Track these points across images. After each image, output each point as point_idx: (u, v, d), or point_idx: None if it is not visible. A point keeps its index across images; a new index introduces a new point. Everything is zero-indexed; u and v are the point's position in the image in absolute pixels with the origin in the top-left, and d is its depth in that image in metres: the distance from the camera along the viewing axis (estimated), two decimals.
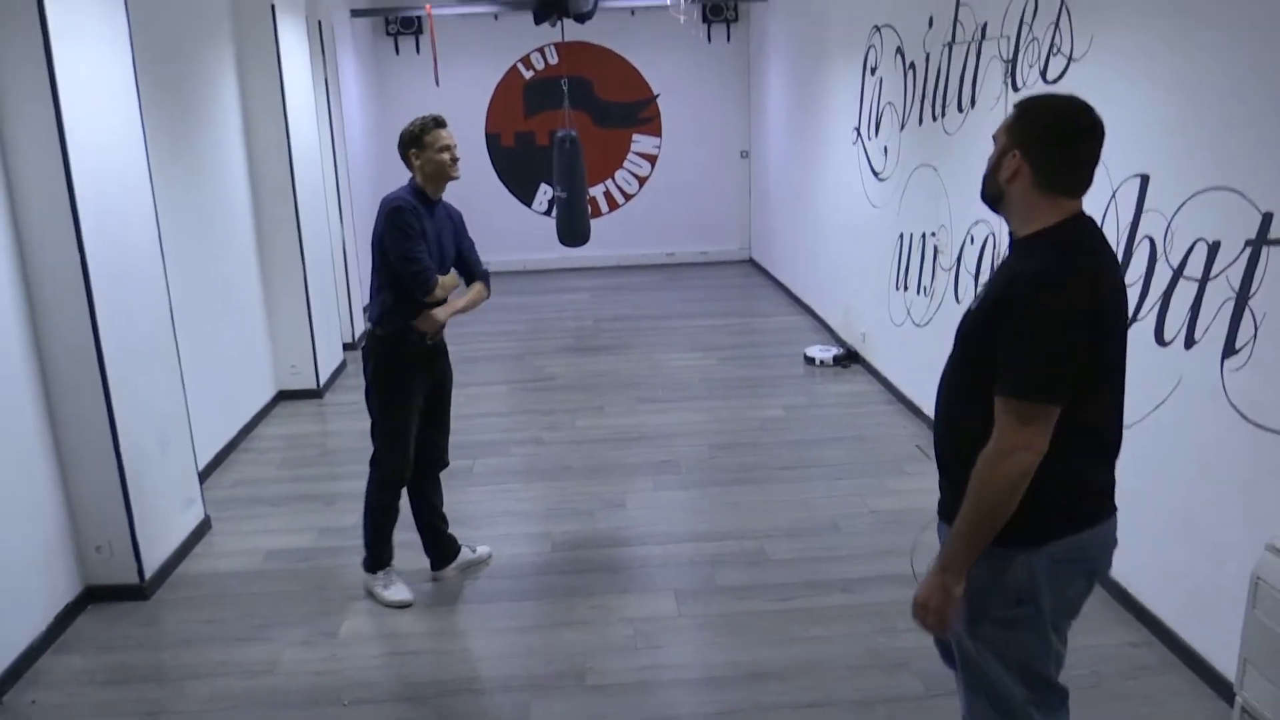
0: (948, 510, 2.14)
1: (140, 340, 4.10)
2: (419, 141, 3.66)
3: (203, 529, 4.59)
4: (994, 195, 2.10)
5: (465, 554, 4.18)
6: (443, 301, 3.80)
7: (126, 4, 4.05)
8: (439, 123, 3.70)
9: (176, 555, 4.30)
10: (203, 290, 5.30)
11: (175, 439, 4.40)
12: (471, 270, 3.96)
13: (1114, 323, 2.02)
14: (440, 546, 4.12)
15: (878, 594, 3.87)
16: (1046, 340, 1.91)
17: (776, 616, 3.75)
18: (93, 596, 3.96)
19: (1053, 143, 1.99)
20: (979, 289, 2.10)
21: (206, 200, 5.49)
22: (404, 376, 3.79)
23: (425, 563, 4.14)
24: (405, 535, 4.19)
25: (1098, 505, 2.09)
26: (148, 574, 4.02)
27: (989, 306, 2.00)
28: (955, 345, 2.14)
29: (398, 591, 3.94)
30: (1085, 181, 2.04)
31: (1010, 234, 2.12)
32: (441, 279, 3.72)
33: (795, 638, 3.60)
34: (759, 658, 3.48)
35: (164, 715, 3.29)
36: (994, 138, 2.10)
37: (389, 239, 3.63)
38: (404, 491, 4.00)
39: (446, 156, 3.67)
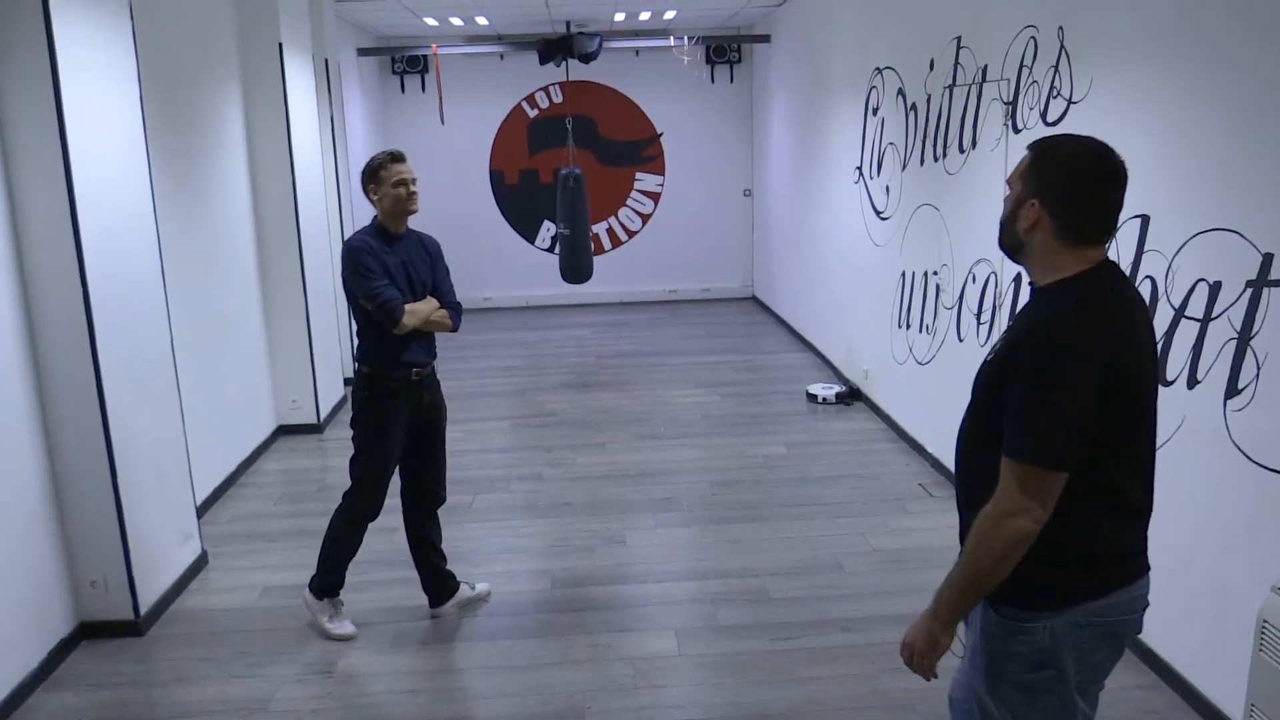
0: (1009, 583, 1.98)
1: (141, 373, 4.10)
2: (375, 177, 3.69)
3: (199, 564, 4.56)
4: (1012, 245, 1.98)
5: (464, 591, 4.14)
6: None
7: (134, 39, 4.09)
8: (395, 157, 3.74)
9: (173, 591, 4.26)
10: (204, 324, 5.30)
11: (174, 473, 4.38)
12: (441, 300, 3.91)
13: (1137, 381, 1.89)
14: (438, 583, 4.08)
15: (881, 634, 3.83)
16: (1056, 402, 1.80)
17: (778, 656, 3.71)
18: (87, 632, 3.92)
19: (1073, 190, 1.86)
20: (998, 338, 2.01)
21: (210, 235, 5.51)
22: (386, 413, 3.77)
23: (424, 599, 4.10)
24: (404, 572, 4.17)
25: (1123, 568, 1.97)
26: (143, 609, 3.98)
27: (1000, 358, 1.91)
28: (972, 394, 2.04)
29: (342, 625, 3.92)
30: (1110, 229, 1.91)
31: (1030, 282, 2.00)
32: (412, 306, 3.70)
33: (798, 678, 3.56)
34: (761, 698, 3.44)
35: None
36: (1008, 183, 1.98)
37: (350, 281, 3.66)
38: (403, 529, 4.01)
39: (403, 190, 3.70)
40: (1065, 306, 1.86)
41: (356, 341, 3.83)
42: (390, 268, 3.69)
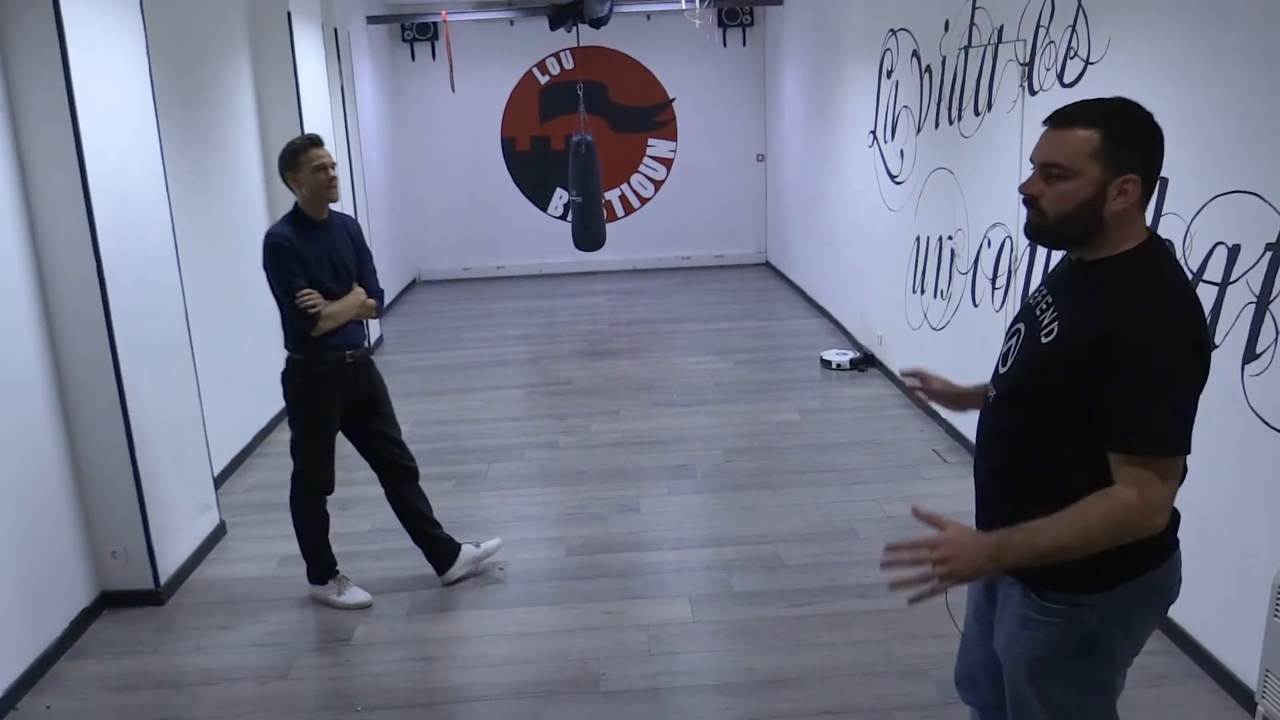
0: (1021, 570, 1.94)
1: (156, 346, 4.12)
2: (294, 162, 3.62)
3: (218, 534, 4.60)
4: (1086, 231, 1.83)
5: (469, 550, 4.14)
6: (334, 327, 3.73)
7: (143, 12, 4.07)
8: (314, 142, 3.67)
9: (192, 560, 4.31)
10: (219, 296, 5.32)
11: (190, 444, 4.41)
12: (366, 288, 3.84)
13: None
14: (436, 549, 4.10)
15: (895, 600, 3.77)
16: (1183, 388, 1.77)
17: (792, 623, 3.73)
18: (108, 602, 3.97)
19: (1158, 151, 1.83)
20: (1047, 320, 1.90)
21: (222, 207, 5.51)
22: (324, 399, 3.78)
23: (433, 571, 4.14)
24: (407, 543, 4.18)
25: (1170, 538, 1.93)
26: (163, 579, 4.03)
27: (1074, 344, 1.80)
28: (1015, 383, 1.94)
29: (353, 594, 3.95)
30: None
31: (1077, 260, 1.91)
32: (331, 310, 3.64)
33: (811, 644, 3.58)
34: (774, 664, 3.46)
35: None
36: (1045, 165, 1.84)
37: (270, 278, 3.64)
38: (390, 505, 4.08)
39: (323, 176, 3.63)
40: (1153, 285, 1.80)
41: (284, 329, 3.77)
42: (311, 261, 3.63)
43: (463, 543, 4.16)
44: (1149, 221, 3.25)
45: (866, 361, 7.00)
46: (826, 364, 7.07)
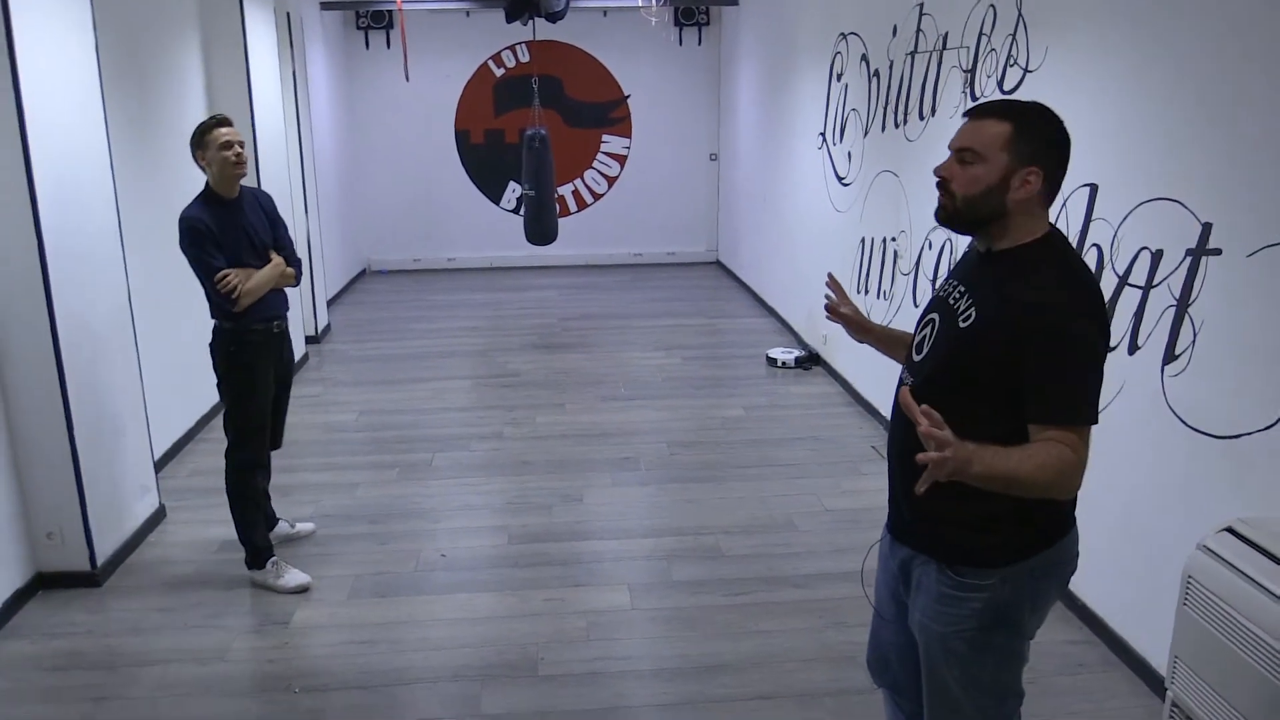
0: (931, 546, 2.07)
1: (98, 325, 4.08)
2: (201, 141, 3.71)
3: (157, 518, 4.57)
4: (991, 214, 1.95)
5: (283, 527, 4.32)
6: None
7: None
8: (221, 121, 3.75)
9: (130, 543, 4.27)
10: (162, 279, 5.25)
11: (131, 425, 4.37)
12: (285, 257, 3.96)
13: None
14: None
15: (831, 590, 3.93)
16: (1090, 363, 1.89)
17: (730, 611, 3.80)
18: (43, 583, 3.93)
19: (1062, 155, 1.96)
20: (963, 307, 2.00)
21: (169, 188, 5.43)
22: (254, 367, 3.88)
23: (380, 554, 4.15)
24: (362, 528, 4.20)
25: (1071, 513, 2.07)
26: (99, 561, 4.00)
27: (992, 327, 1.91)
28: (933, 368, 2.03)
29: (293, 577, 3.98)
30: None
31: (985, 249, 2.03)
32: (250, 285, 3.74)
33: (748, 631, 3.65)
34: (711, 650, 3.53)
35: (112, 701, 3.27)
36: (960, 151, 1.97)
37: (189, 259, 3.71)
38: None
39: (230, 154, 3.71)
40: (1060, 269, 1.94)
41: (210, 301, 3.83)
42: (226, 239, 3.72)
43: (280, 518, 4.33)
44: (1082, 222, 3.39)
45: (811, 360, 7.11)
46: (772, 362, 7.17)
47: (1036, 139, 1.94)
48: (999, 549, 1.99)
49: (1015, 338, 1.87)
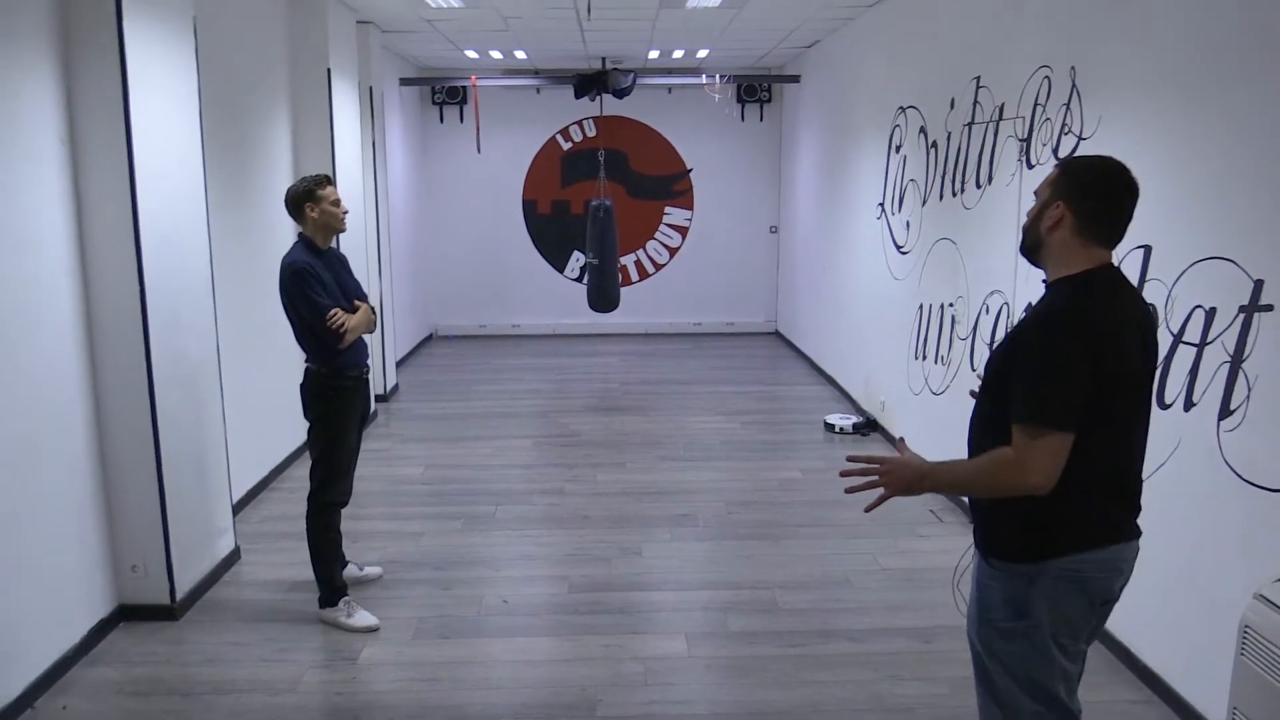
0: (980, 540, 2.37)
1: (188, 372, 4.33)
2: (313, 195, 4.01)
3: (232, 558, 4.75)
4: (1033, 244, 2.28)
5: (351, 570, 4.46)
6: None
7: (197, 60, 4.36)
8: (330, 180, 4.09)
9: (207, 580, 4.46)
10: (248, 332, 5.54)
11: (214, 469, 4.59)
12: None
13: (1125, 365, 2.17)
14: None
15: (885, 644, 3.96)
16: (1058, 373, 2.11)
17: (785, 661, 3.84)
18: (125, 614, 4.12)
19: (1095, 194, 2.19)
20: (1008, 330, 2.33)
21: (256, 246, 5.76)
22: (346, 410, 4.13)
23: (446, 599, 4.27)
24: (427, 573, 4.32)
25: (1101, 531, 2.24)
26: (179, 595, 4.18)
27: (1007, 343, 2.27)
28: (982, 381, 2.36)
29: (362, 618, 4.11)
30: (1119, 233, 2.23)
31: (1044, 281, 2.30)
32: (352, 323, 4.00)
33: (802, 681, 3.69)
34: (765, 698, 3.57)
35: None
36: (1035, 193, 2.31)
37: (301, 304, 3.95)
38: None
39: (339, 210, 4.05)
40: (1073, 292, 2.19)
41: (303, 347, 4.09)
42: (328, 284, 4.00)
43: (350, 561, 4.49)
44: (1137, 283, 3.46)
45: (869, 426, 7.16)
46: (830, 427, 7.22)
47: (1071, 178, 2.22)
48: (1019, 547, 2.24)
49: (1011, 348, 2.24)
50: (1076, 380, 2.10)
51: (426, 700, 3.57)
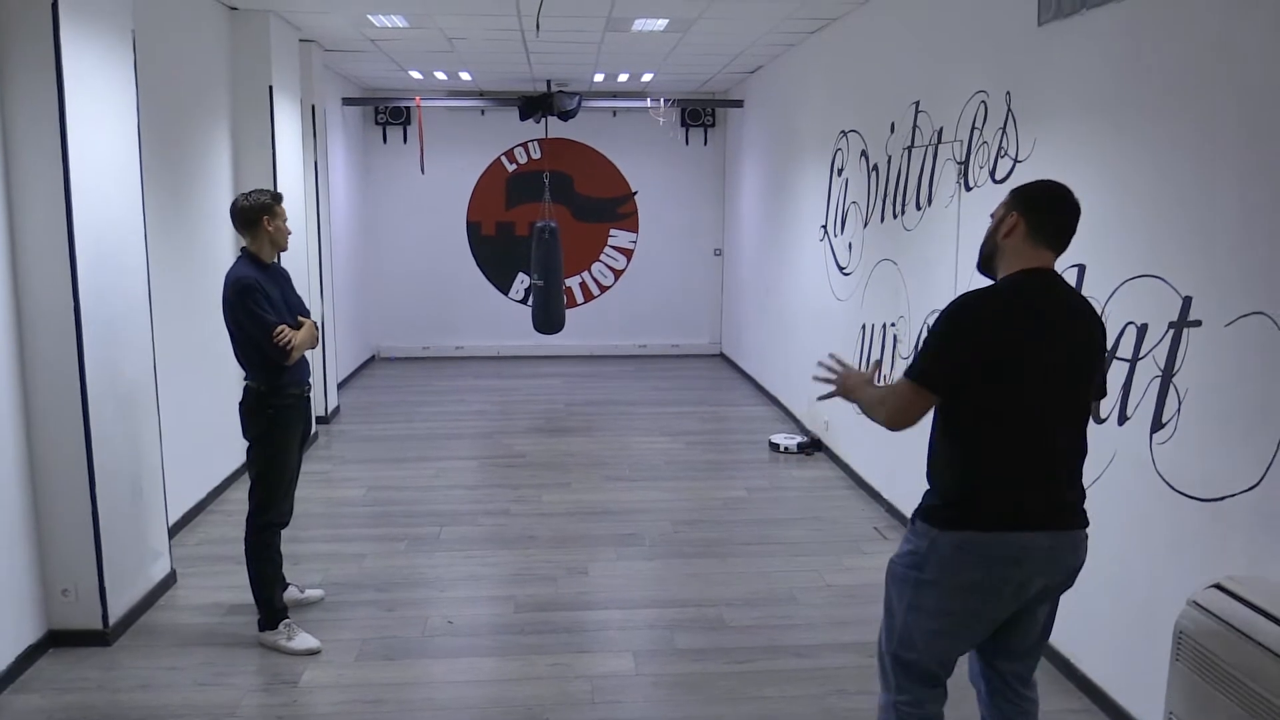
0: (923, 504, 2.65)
1: (123, 391, 4.23)
2: (271, 210, 4.01)
3: (168, 582, 4.63)
4: (990, 253, 2.61)
5: (292, 592, 4.40)
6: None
7: (136, 72, 4.30)
8: (281, 198, 4.10)
9: (141, 605, 4.33)
10: (185, 352, 5.43)
11: (149, 491, 4.48)
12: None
13: (1045, 357, 2.45)
14: None
15: (832, 659, 3.98)
16: (933, 339, 2.52)
17: (732, 678, 3.84)
18: (55, 640, 3.98)
19: (1044, 205, 2.53)
20: None
21: (195, 264, 5.66)
22: (287, 428, 4.07)
23: (388, 619, 4.20)
24: (369, 595, 4.25)
25: (993, 516, 2.48)
26: (112, 620, 4.06)
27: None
28: None
29: (303, 640, 4.04)
30: (1065, 240, 2.54)
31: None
32: (298, 340, 3.96)
33: (749, 697, 3.69)
34: (713, 713, 3.57)
35: None
36: (991, 216, 2.64)
37: (246, 320, 3.89)
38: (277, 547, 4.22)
39: (287, 227, 4.09)
40: (975, 291, 2.57)
41: (243, 364, 4.03)
42: (275, 300, 3.97)
43: (291, 583, 4.41)
44: None
45: (813, 446, 7.22)
46: (775, 447, 7.28)
47: (1022, 195, 2.57)
48: (941, 515, 2.54)
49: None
50: (946, 352, 2.48)
51: None
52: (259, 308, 3.86)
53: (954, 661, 2.65)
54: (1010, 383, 2.42)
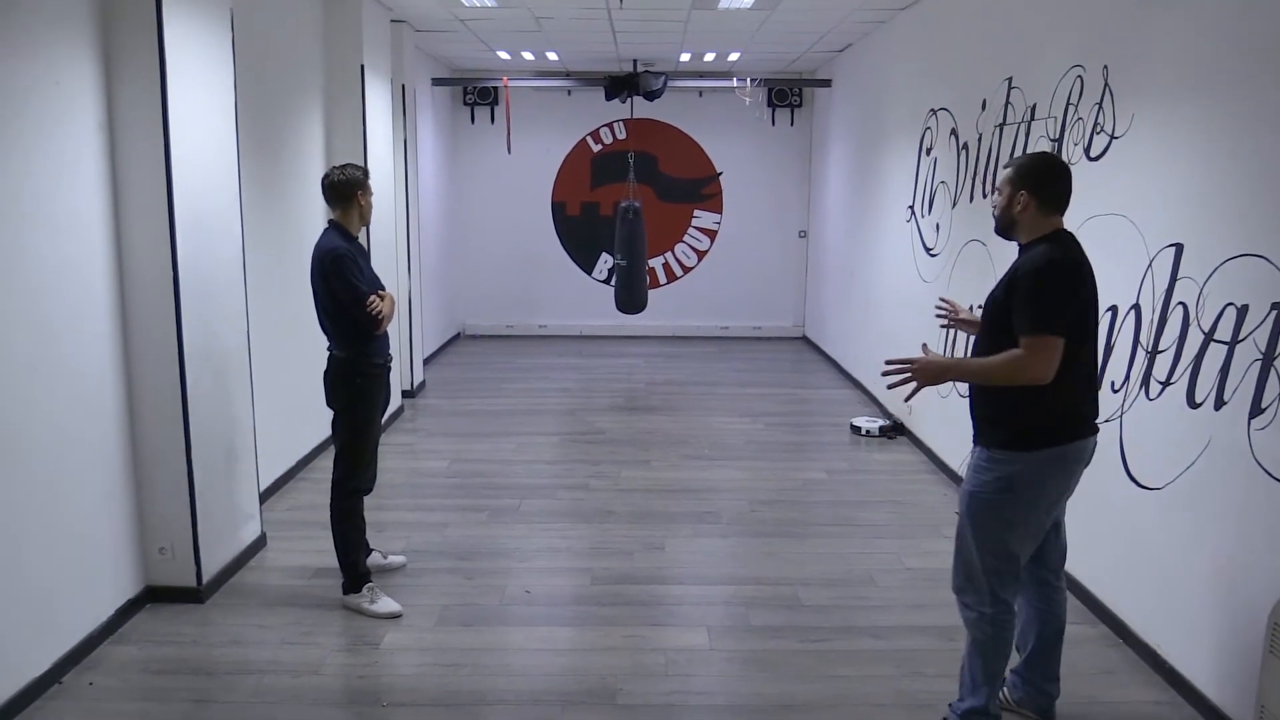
0: (983, 438, 3.07)
1: (219, 361, 4.38)
2: (364, 185, 4.13)
3: (258, 544, 4.80)
4: (1007, 225, 3.08)
5: (375, 558, 4.50)
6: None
7: (234, 53, 4.43)
8: (369, 174, 4.23)
9: (233, 565, 4.50)
10: (278, 323, 5.59)
11: (242, 456, 4.64)
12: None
13: (1091, 300, 2.95)
14: None
15: (909, 641, 3.94)
16: (1049, 294, 2.83)
17: (806, 656, 3.83)
18: (152, 595, 4.17)
19: (1047, 181, 3.00)
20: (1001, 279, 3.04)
21: (287, 238, 5.83)
22: (368, 396, 4.17)
23: (469, 587, 4.29)
24: (451, 562, 4.34)
25: (1079, 426, 3.00)
26: (205, 578, 4.23)
27: (1005, 285, 2.94)
28: (982, 320, 3.09)
29: (385, 604, 4.14)
30: (1066, 203, 3.02)
31: (1020, 245, 3.06)
32: (387, 311, 4.07)
33: (823, 676, 3.67)
34: (786, 691, 3.56)
35: (211, 704, 3.45)
36: (997, 189, 3.08)
37: (341, 288, 3.99)
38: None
39: (372, 201, 4.22)
40: (1050, 247, 2.94)
41: (328, 334, 4.14)
42: (365, 271, 4.10)
43: (374, 548, 4.54)
44: (1167, 282, 3.46)
45: (896, 429, 7.12)
46: (856, 430, 7.19)
47: (1024, 173, 3.00)
48: (1020, 439, 2.95)
49: (1009, 288, 2.92)
50: (1065, 300, 2.84)
51: (448, 685, 3.59)
52: (352, 277, 3.97)
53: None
54: (1090, 321, 2.94)
